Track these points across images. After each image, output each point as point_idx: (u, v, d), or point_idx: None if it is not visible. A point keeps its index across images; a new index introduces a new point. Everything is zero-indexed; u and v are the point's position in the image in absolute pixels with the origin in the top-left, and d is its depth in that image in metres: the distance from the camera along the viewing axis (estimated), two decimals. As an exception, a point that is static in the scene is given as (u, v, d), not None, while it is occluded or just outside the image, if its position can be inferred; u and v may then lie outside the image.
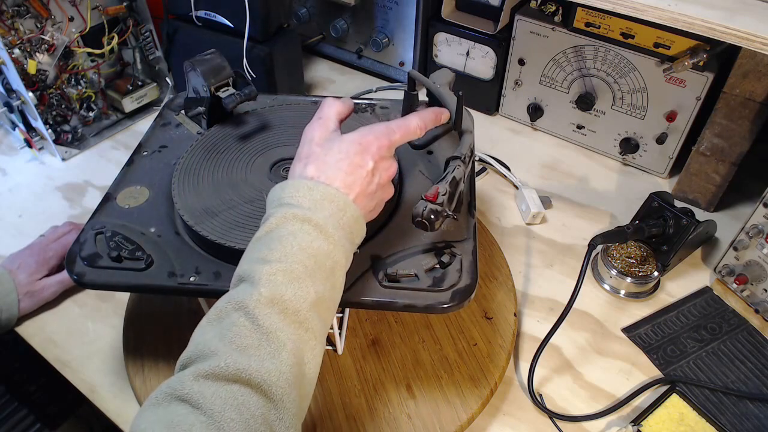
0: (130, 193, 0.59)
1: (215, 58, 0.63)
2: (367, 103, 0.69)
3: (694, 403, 0.60)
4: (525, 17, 0.87)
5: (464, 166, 0.50)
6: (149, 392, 0.59)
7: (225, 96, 0.62)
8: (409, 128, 0.48)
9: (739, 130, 0.74)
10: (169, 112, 0.69)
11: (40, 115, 0.85)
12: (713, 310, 0.70)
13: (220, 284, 0.50)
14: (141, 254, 0.52)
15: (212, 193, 0.56)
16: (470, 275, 0.50)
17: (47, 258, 0.69)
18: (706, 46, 0.74)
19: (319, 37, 1.10)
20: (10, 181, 0.88)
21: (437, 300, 0.48)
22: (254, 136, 0.64)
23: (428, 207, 0.45)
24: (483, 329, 0.65)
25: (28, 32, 0.81)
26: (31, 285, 0.67)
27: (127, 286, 0.51)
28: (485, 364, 0.62)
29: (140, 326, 0.66)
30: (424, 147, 0.60)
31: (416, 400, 0.59)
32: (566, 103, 0.91)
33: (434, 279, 0.50)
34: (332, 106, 0.49)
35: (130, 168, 0.62)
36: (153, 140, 0.66)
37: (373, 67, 1.08)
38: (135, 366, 0.62)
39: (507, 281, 0.70)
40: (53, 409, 0.83)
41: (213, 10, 0.89)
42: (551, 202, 0.84)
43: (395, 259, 0.51)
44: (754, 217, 0.67)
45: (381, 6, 0.99)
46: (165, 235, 0.54)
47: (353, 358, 0.62)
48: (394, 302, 0.49)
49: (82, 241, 0.53)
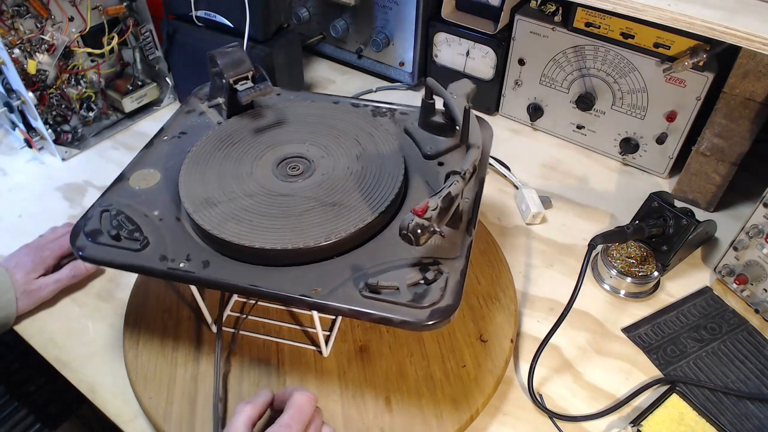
0: (142, 175, 0.60)
1: (236, 52, 0.64)
2: (387, 108, 0.68)
3: (694, 403, 0.60)
4: (525, 17, 0.87)
5: (463, 182, 0.49)
6: (149, 391, 0.60)
7: (241, 89, 0.63)
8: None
9: (739, 130, 0.74)
10: (196, 99, 0.70)
11: (40, 115, 0.85)
12: (713, 310, 0.70)
13: (206, 273, 0.50)
14: (139, 235, 0.53)
15: (216, 183, 0.57)
16: (453, 295, 0.47)
17: (44, 257, 0.68)
18: (706, 46, 0.74)
19: (319, 37, 1.10)
20: (10, 181, 0.88)
21: (414, 316, 0.46)
22: (268, 130, 0.64)
23: (415, 221, 0.44)
24: (475, 351, 0.62)
25: (28, 32, 0.81)
26: (28, 284, 0.66)
27: (121, 264, 0.52)
28: (470, 388, 0.59)
29: (140, 326, 0.66)
30: (436, 158, 0.60)
31: (392, 414, 0.57)
32: (566, 103, 0.91)
33: (415, 295, 0.47)
34: (241, 414, 0.49)
35: (147, 151, 0.63)
36: (175, 126, 0.67)
37: (373, 67, 1.08)
38: (135, 367, 0.62)
39: (510, 304, 0.67)
40: (53, 409, 0.83)
41: (213, 10, 0.89)
42: (551, 202, 0.84)
43: (381, 269, 0.50)
44: (754, 217, 0.67)
45: (381, 6, 0.99)
46: (166, 219, 0.55)
47: (338, 362, 0.61)
48: (369, 313, 0.47)
49: (89, 216, 0.55)
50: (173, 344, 0.63)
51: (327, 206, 0.54)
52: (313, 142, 0.62)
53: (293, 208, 0.54)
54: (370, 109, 0.68)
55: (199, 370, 0.61)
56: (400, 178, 0.56)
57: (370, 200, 0.54)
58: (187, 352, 0.63)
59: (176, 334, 0.64)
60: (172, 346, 0.63)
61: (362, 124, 0.63)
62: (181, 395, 0.59)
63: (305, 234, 0.51)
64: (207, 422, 0.56)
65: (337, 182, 0.56)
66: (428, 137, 0.62)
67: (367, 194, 0.54)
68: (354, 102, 0.69)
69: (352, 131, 0.63)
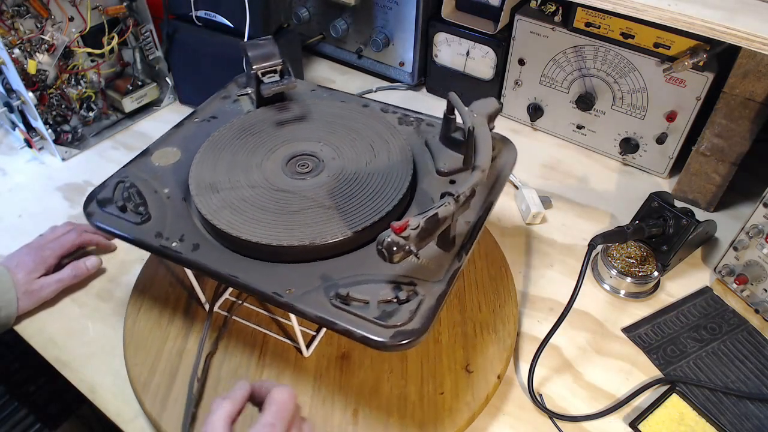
0: (165, 152, 0.62)
1: (267, 45, 0.66)
2: (415, 117, 0.66)
3: (694, 403, 0.60)
4: (525, 17, 0.87)
5: (455, 205, 0.47)
6: (136, 358, 0.61)
7: (266, 82, 0.65)
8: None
9: (739, 130, 0.74)
10: (234, 86, 0.72)
11: (40, 115, 0.85)
12: (713, 310, 0.70)
13: (192, 256, 0.51)
14: (143, 210, 0.55)
15: (225, 170, 0.58)
16: (423, 320, 0.45)
17: (45, 257, 0.68)
18: (706, 46, 0.74)
19: (319, 37, 1.10)
20: (10, 181, 0.88)
21: (376, 334, 0.44)
22: (289, 124, 0.64)
23: (390, 238, 0.43)
24: (457, 380, 0.59)
25: (28, 32, 0.81)
26: (29, 284, 0.66)
27: (121, 235, 0.54)
28: (442, 417, 0.56)
29: (146, 294, 0.67)
30: (448, 175, 0.59)
31: (356, 427, 0.55)
32: (566, 103, 0.91)
33: (383, 312, 0.46)
34: (219, 410, 0.46)
35: (176, 130, 0.65)
36: (208, 109, 0.68)
37: (373, 67, 1.08)
38: (131, 333, 0.63)
39: (506, 339, 0.63)
40: (53, 409, 0.83)
41: (213, 10, 0.89)
42: (551, 202, 0.84)
43: (358, 280, 0.48)
44: (754, 217, 0.67)
45: (381, 6, 0.99)
46: (173, 198, 0.57)
47: (317, 364, 0.61)
48: (334, 323, 0.45)
49: (106, 185, 0.58)
50: (170, 317, 0.65)
51: (322, 209, 0.53)
52: (328, 142, 0.61)
53: (290, 206, 0.54)
54: (398, 117, 0.67)
55: (186, 347, 0.62)
56: (398, 196, 0.54)
57: (364, 211, 0.53)
58: (180, 327, 0.64)
59: (175, 308, 0.66)
60: (169, 319, 0.65)
61: (382, 131, 0.62)
62: (164, 368, 0.60)
63: (292, 233, 0.51)
64: (181, 399, 0.57)
65: (340, 186, 0.56)
66: (446, 153, 0.61)
67: (363, 204, 0.53)
68: (384, 107, 0.68)
69: (369, 136, 0.62)
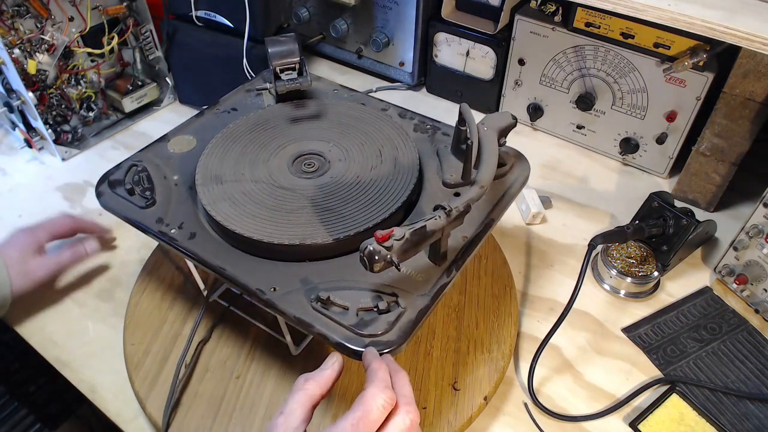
0: (181, 140, 0.63)
1: (287, 42, 0.66)
2: (431, 125, 0.66)
3: (694, 403, 0.60)
4: (525, 17, 0.87)
5: (446, 219, 0.46)
6: (134, 338, 0.62)
7: (284, 78, 0.65)
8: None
9: (739, 130, 0.74)
10: (260, 80, 0.73)
11: (40, 115, 0.85)
12: (713, 310, 0.70)
13: (187, 244, 0.52)
14: (149, 194, 0.56)
15: (233, 163, 0.58)
16: (400, 334, 0.44)
17: (37, 235, 0.66)
18: (706, 46, 0.74)
19: (319, 37, 1.10)
20: (10, 181, 0.88)
21: (350, 342, 0.44)
22: (302, 122, 0.64)
23: (372, 246, 0.42)
24: (442, 397, 0.58)
25: (28, 32, 0.81)
26: (22, 264, 0.64)
27: (125, 216, 0.55)
28: None
29: (153, 276, 0.68)
30: (454, 187, 0.58)
31: None
32: (566, 103, 0.91)
33: (360, 320, 0.45)
34: (302, 393, 0.40)
35: (196, 119, 0.66)
36: (230, 101, 0.69)
37: (373, 67, 1.08)
38: (132, 313, 0.64)
39: (499, 361, 0.61)
40: (53, 409, 0.83)
41: (213, 10, 0.89)
42: (551, 202, 0.84)
43: (342, 285, 0.48)
44: (754, 217, 0.67)
45: (381, 6, 0.99)
46: (181, 185, 0.58)
47: (305, 363, 0.60)
48: (311, 325, 0.45)
49: (120, 166, 0.59)
50: (171, 301, 0.65)
51: (319, 210, 0.53)
52: (337, 143, 0.61)
53: (288, 204, 0.54)
54: (414, 123, 0.66)
55: (181, 332, 0.62)
56: (393, 207, 0.53)
57: (357, 217, 0.52)
58: (179, 312, 0.64)
59: (177, 292, 0.66)
60: (170, 303, 0.65)
61: (393, 136, 0.62)
62: (158, 350, 0.61)
63: (283, 231, 0.51)
64: (169, 383, 0.58)
65: (341, 188, 0.56)
66: (456, 164, 0.60)
67: (358, 210, 0.53)
68: (402, 112, 0.67)
69: (379, 141, 0.61)
